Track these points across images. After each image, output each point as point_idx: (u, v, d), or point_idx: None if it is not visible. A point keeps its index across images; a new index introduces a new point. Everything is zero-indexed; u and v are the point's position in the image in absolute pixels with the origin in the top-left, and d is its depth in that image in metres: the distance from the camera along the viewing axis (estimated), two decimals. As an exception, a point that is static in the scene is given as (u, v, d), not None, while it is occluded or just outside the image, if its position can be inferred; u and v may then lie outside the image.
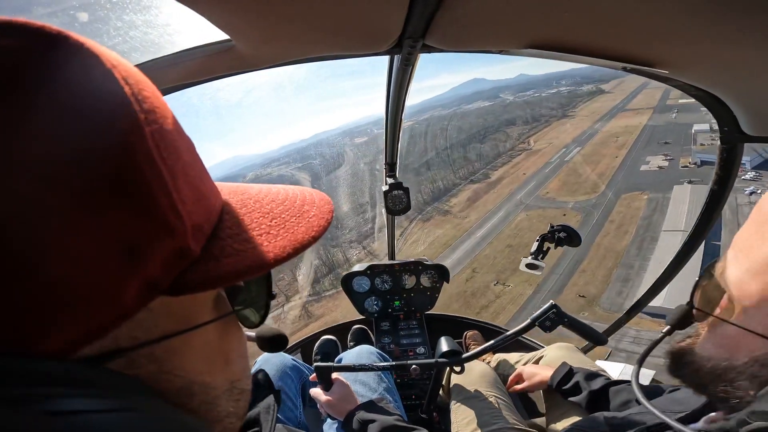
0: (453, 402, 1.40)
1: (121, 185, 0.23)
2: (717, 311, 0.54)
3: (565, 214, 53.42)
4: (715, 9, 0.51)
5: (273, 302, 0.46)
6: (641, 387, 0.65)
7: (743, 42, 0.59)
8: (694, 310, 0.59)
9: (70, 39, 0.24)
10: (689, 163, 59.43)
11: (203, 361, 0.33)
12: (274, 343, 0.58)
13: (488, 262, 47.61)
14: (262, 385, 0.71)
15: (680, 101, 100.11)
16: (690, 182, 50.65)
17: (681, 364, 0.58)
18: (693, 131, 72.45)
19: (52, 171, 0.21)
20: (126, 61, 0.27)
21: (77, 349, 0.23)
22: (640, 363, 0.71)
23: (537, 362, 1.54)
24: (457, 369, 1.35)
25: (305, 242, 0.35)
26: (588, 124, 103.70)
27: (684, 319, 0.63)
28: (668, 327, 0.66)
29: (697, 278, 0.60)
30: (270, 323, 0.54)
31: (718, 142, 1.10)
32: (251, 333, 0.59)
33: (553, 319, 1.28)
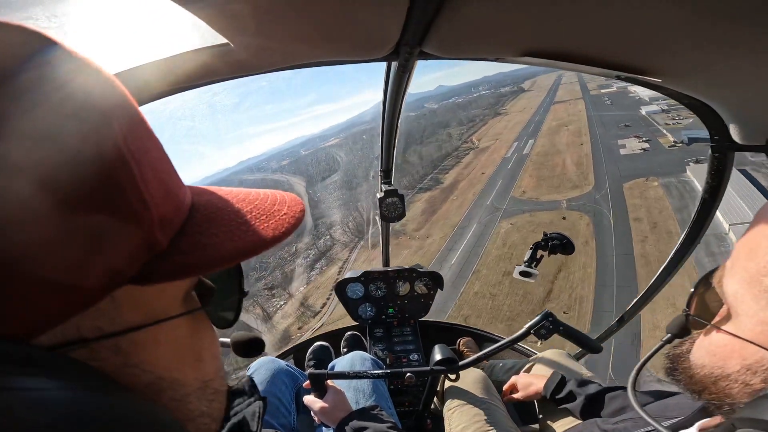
0: (446, 409, 1.39)
1: (87, 171, 0.23)
2: (713, 319, 0.54)
3: (565, 217, 39.97)
4: (708, 19, 0.52)
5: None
6: (636, 394, 0.66)
7: (734, 51, 0.60)
8: (690, 318, 0.60)
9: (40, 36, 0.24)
10: (675, 142, 55.05)
11: (172, 357, 0.33)
12: (249, 347, 0.56)
13: (484, 304, 30.80)
14: (247, 391, 0.67)
15: (602, 91, 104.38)
16: (697, 162, 43.69)
17: (677, 369, 0.59)
18: (644, 113, 72.33)
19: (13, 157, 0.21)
20: (94, 59, 0.27)
21: (36, 334, 0.23)
22: (638, 370, 0.72)
23: (530, 369, 1.53)
24: (452, 377, 1.35)
25: (274, 238, 0.35)
26: (526, 117, 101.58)
27: (684, 327, 0.63)
28: (668, 335, 0.67)
29: (693, 286, 0.60)
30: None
31: (709, 150, 1.11)
32: (226, 339, 0.58)
33: (548, 328, 1.27)
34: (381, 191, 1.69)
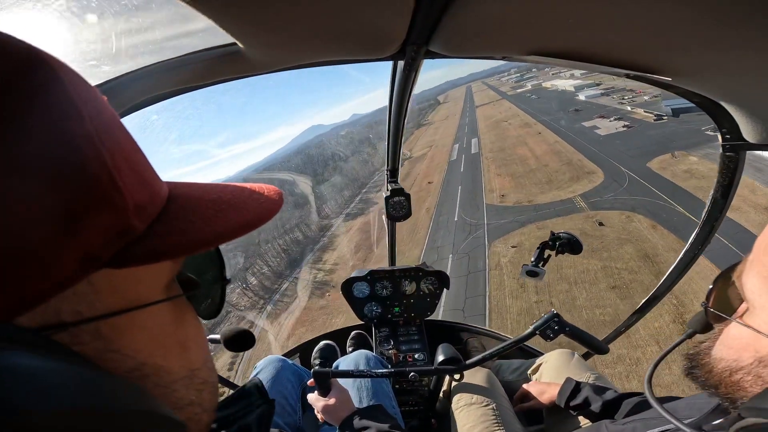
0: (454, 408, 1.38)
1: (56, 157, 0.24)
2: (731, 313, 0.55)
3: (602, 222, 25.11)
4: (718, 17, 0.51)
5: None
6: (653, 393, 0.65)
7: (746, 50, 0.60)
8: (708, 311, 0.60)
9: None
10: (659, 114, 51.88)
11: (155, 344, 0.33)
12: (239, 340, 0.58)
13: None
14: (255, 393, 0.68)
15: (518, 91, 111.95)
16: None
17: (697, 366, 0.59)
18: (584, 99, 71.63)
19: None
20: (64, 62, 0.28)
21: (12, 316, 0.23)
22: (656, 364, 0.71)
23: (537, 369, 1.53)
24: (456, 377, 1.35)
25: (251, 222, 0.36)
26: (455, 122, 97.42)
27: (705, 323, 0.64)
28: (690, 330, 0.67)
29: (713, 280, 0.60)
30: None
31: (720, 150, 1.10)
32: (216, 336, 0.61)
33: (554, 329, 1.27)
34: (387, 190, 1.73)
